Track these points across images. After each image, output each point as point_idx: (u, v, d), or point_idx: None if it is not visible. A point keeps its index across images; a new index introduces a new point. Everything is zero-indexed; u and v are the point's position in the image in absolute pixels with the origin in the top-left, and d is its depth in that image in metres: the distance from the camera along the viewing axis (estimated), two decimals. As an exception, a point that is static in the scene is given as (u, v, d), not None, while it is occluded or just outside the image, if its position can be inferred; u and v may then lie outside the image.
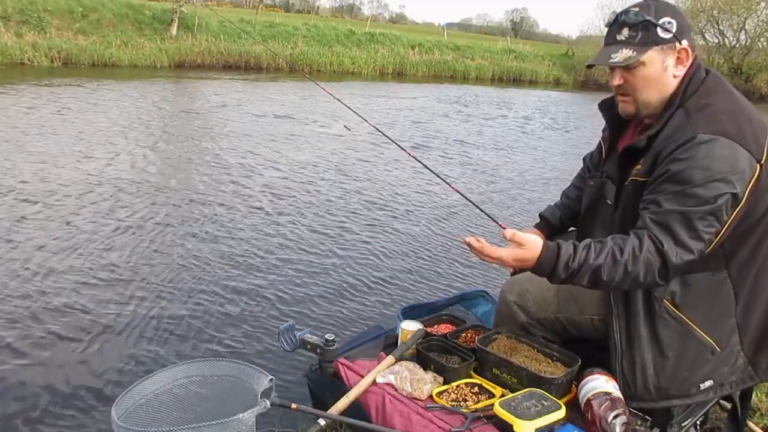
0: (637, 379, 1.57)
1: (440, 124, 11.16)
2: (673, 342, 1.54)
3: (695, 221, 1.43)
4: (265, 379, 1.49)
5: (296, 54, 19.42)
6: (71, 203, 4.91)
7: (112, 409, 1.39)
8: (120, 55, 15.77)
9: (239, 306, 3.45)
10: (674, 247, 1.43)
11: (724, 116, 1.49)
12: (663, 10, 1.54)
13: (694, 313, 1.54)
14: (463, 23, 76.42)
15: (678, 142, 1.47)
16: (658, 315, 1.54)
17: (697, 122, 1.48)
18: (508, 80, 24.79)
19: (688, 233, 1.43)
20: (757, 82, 25.81)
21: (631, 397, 1.58)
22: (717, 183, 1.42)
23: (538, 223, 2.07)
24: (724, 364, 1.58)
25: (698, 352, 1.55)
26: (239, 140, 8.01)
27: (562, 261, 1.47)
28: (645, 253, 1.44)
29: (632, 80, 1.56)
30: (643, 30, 1.52)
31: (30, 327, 3.05)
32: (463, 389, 1.68)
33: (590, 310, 1.70)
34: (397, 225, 5.16)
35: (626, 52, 1.53)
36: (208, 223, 4.76)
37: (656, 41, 1.52)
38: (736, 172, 1.42)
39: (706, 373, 1.57)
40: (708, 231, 1.44)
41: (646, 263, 1.44)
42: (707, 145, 1.43)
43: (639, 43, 1.53)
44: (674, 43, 1.54)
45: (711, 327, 1.55)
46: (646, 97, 1.57)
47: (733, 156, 1.43)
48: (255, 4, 36.45)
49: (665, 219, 1.45)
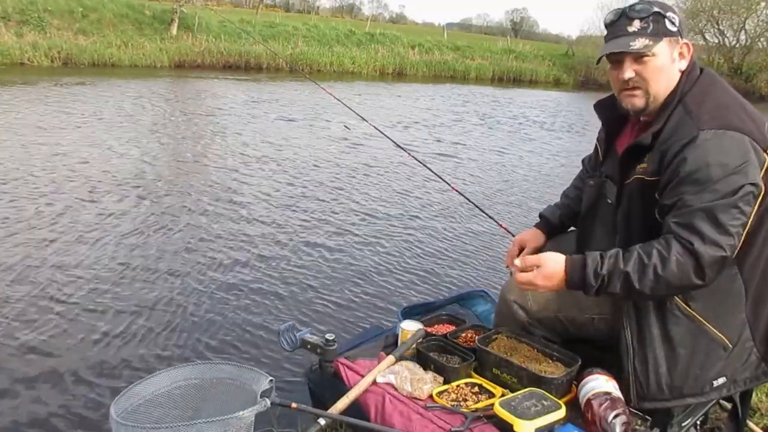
0: (650, 379, 1.56)
1: (440, 124, 11.16)
2: (684, 339, 1.53)
3: (719, 216, 1.42)
4: (265, 380, 1.48)
5: (296, 54, 19.44)
6: (70, 203, 4.90)
7: (111, 407, 1.38)
8: (120, 55, 15.79)
9: (239, 306, 3.45)
10: (704, 245, 1.42)
11: (725, 110, 1.50)
12: (665, 6, 1.58)
13: (704, 310, 1.53)
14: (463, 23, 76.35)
15: (683, 141, 1.47)
16: (669, 312, 1.53)
17: (699, 118, 1.49)
18: (508, 80, 24.79)
19: (715, 229, 1.42)
20: (757, 82, 25.80)
21: (644, 397, 1.57)
22: (734, 176, 1.42)
23: (539, 223, 2.08)
24: (736, 360, 1.58)
25: (710, 349, 1.55)
26: (239, 140, 8.01)
27: (590, 268, 1.48)
28: (674, 255, 1.43)
29: (644, 71, 1.56)
30: (654, 22, 1.55)
31: (30, 326, 3.05)
32: (463, 389, 1.68)
33: (591, 309, 1.70)
34: (397, 225, 5.16)
35: (643, 41, 1.54)
36: (208, 224, 4.76)
37: (666, 33, 1.55)
38: (749, 163, 1.43)
39: (719, 370, 1.56)
40: (734, 224, 1.43)
41: (678, 265, 1.43)
42: (714, 141, 1.44)
43: (652, 33, 1.54)
44: (678, 37, 1.57)
45: (722, 323, 1.55)
46: (656, 88, 1.57)
47: (742, 147, 1.44)
48: (255, 4, 36.47)
49: (689, 219, 1.44)
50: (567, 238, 2.00)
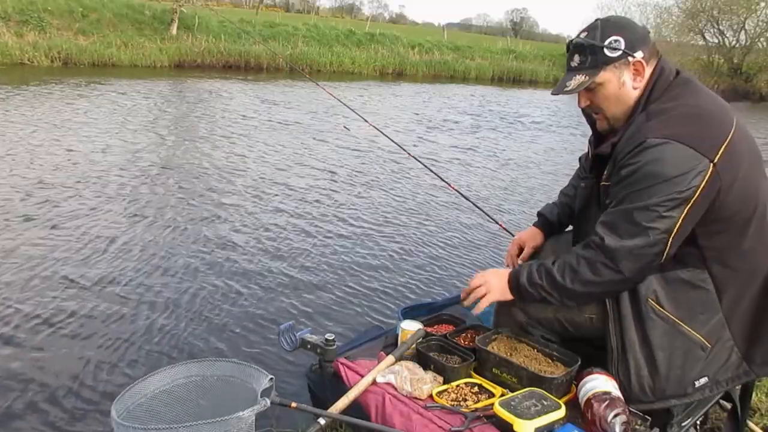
0: (632, 381, 1.58)
1: (440, 124, 11.17)
2: (662, 341, 1.56)
3: (636, 215, 1.50)
4: (265, 378, 1.49)
5: (296, 54, 19.41)
6: (70, 203, 4.90)
7: (112, 407, 1.39)
8: (120, 55, 15.78)
9: (239, 306, 3.45)
10: (613, 238, 1.52)
11: (680, 120, 1.53)
12: (609, 29, 1.60)
13: (678, 311, 1.56)
14: (463, 23, 76.40)
15: (630, 148, 1.53)
16: (645, 315, 1.56)
17: (650, 127, 1.52)
18: (508, 80, 24.79)
19: (629, 226, 1.51)
20: (757, 82, 25.75)
21: (629, 399, 1.59)
22: (660, 185, 1.47)
23: (537, 222, 2.10)
24: (716, 360, 1.59)
25: (688, 350, 1.57)
26: (238, 141, 8.01)
27: (524, 274, 1.66)
28: (586, 251, 1.57)
29: (595, 100, 1.66)
30: (591, 54, 1.60)
31: (30, 326, 3.05)
32: (463, 389, 1.69)
33: (589, 309, 1.71)
34: (397, 225, 5.16)
35: (579, 78, 1.61)
36: (207, 224, 4.76)
37: (606, 62, 1.59)
38: (681, 174, 1.46)
39: (700, 371, 1.58)
40: (651, 225, 1.48)
41: (588, 261, 1.55)
42: (654, 150, 1.48)
43: (590, 66, 1.60)
44: (626, 59, 1.59)
45: (698, 324, 1.57)
46: (611, 112, 1.66)
47: (680, 158, 1.47)
48: (255, 4, 36.50)
49: (608, 218, 1.55)
50: (565, 238, 2.01)
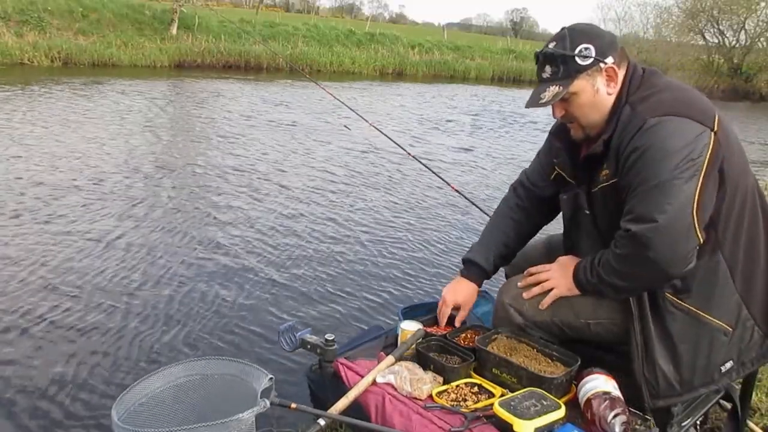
0: (659, 378, 1.57)
1: (440, 124, 11.17)
2: (684, 334, 1.55)
3: (653, 194, 1.46)
4: (265, 378, 1.49)
5: (296, 54, 19.42)
6: (69, 203, 4.91)
7: (113, 409, 1.39)
8: (120, 55, 15.79)
9: (239, 306, 3.45)
10: (637, 225, 1.48)
11: (670, 99, 1.54)
12: (578, 38, 1.58)
13: (697, 300, 1.55)
14: (463, 23, 76.43)
15: (632, 132, 1.51)
16: (664, 310, 1.56)
17: (644, 110, 1.52)
18: (508, 80, 24.81)
19: (650, 207, 1.46)
20: (757, 82, 25.74)
21: (657, 396, 1.58)
22: (672, 157, 1.45)
23: (467, 272, 2.00)
24: (740, 342, 1.60)
25: (712, 338, 1.56)
26: (238, 141, 8.01)
27: (583, 264, 1.65)
28: (618, 247, 1.53)
29: (570, 109, 1.64)
30: (563, 64, 1.58)
31: (30, 325, 3.05)
32: (463, 389, 1.68)
33: (586, 314, 1.70)
34: (397, 225, 5.16)
35: (553, 89, 1.59)
36: (207, 224, 4.76)
37: (579, 70, 1.57)
38: (688, 144, 1.46)
39: (724, 356, 1.59)
40: (671, 200, 1.45)
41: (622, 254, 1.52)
42: (657, 126, 1.48)
43: (563, 77, 1.58)
44: (598, 65, 1.58)
45: (717, 310, 1.56)
46: (587, 120, 1.64)
47: (684, 130, 1.47)
48: (255, 4, 36.51)
49: (630, 207, 1.52)
50: (557, 241, 1.98)
